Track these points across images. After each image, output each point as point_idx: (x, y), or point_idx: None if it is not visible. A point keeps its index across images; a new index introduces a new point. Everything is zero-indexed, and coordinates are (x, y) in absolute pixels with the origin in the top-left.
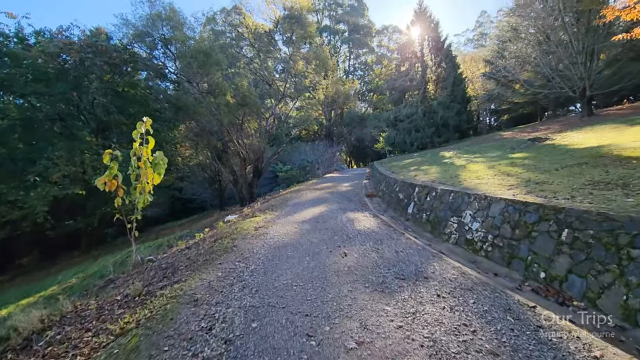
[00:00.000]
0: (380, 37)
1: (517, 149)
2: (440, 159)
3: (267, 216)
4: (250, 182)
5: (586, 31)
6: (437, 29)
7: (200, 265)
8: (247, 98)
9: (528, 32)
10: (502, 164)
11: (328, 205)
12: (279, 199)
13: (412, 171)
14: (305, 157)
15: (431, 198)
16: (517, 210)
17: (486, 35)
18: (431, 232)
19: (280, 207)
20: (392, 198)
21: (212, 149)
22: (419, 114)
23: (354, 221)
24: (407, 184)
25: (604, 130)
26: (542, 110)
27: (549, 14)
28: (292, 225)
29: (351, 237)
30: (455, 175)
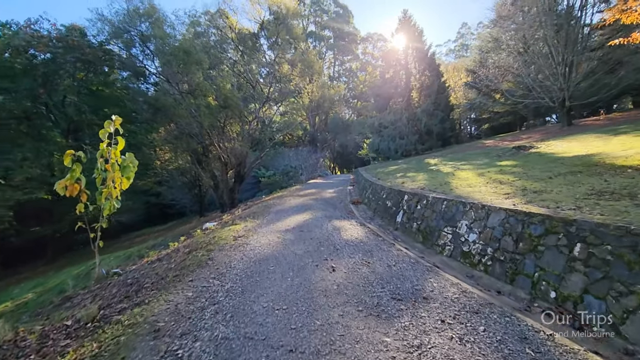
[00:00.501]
0: (365, 44)
1: (503, 156)
2: (426, 166)
3: (248, 224)
4: (232, 188)
5: (565, 43)
6: (421, 38)
7: (169, 283)
8: (229, 100)
9: (509, 43)
10: (492, 172)
11: (313, 213)
12: (261, 205)
13: (398, 178)
14: (289, 163)
15: (422, 206)
16: (519, 222)
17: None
18: (423, 243)
19: (262, 214)
20: (379, 205)
21: (192, 153)
22: (403, 121)
23: (341, 230)
24: (395, 191)
25: (587, 140)
26: (521, 120)
27: (529, 25)
28: (274, 235)
29: (339, 249)
30: (445, 182)
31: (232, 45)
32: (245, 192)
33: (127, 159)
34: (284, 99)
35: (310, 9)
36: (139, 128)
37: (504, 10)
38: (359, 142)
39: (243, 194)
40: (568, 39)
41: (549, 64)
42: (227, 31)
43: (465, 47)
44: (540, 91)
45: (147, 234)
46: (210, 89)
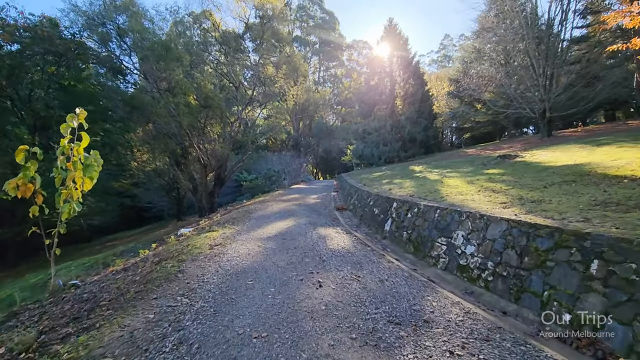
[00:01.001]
0: (350, 51)
1: (489, 165)
2: (411, 172)
3: (226, 231)
4: (211, 191)
5: (546, 56)
6: (406, 46)
7: (129, 300)
8: (210, 99)
9: (491, 55)
10: (481, 180)
11: (296, 219)
12: (242, 210)
13: (385, 184)
14: (272, 167)
15: (413, 215)
16: (523, 234)
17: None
18: (414, 254)
19: (242, 220)
20: (365, 212)
21: (170, 154)
22: (387, 128)
23: (326, 239)
24: (383, 198)
25: (571, 150)
26: (501, 130)
27: (512, 38)
28: (254, 243)
29: (325, 260)
30: (435, 189)
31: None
32: (226, 196)
33: (91, 157)
34: (268, 101)
35: (296, 14)
36: (115, 127)
37: (487, 22)
38: (343, 148)
39: (223, 198)
40: (549, 52)
41: (530, 76)
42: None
43: (448, 58)
44: (522, 102)
45: (120, 238)
46: (191, 87)
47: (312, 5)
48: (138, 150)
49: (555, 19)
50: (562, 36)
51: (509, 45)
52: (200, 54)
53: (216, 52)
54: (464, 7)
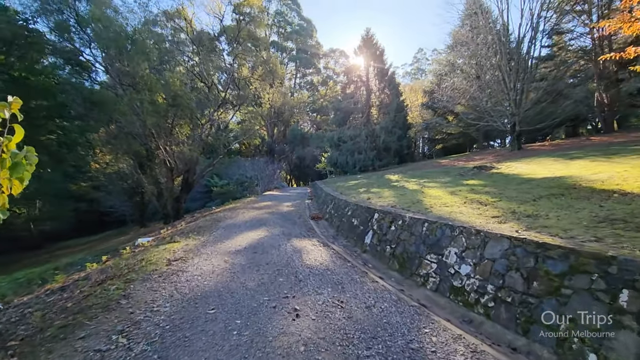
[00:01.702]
0: (327, 59)
1: (466, 175)
2: (388, 182)
3: (189, 242)
4: (178, 197)
5: (517, 71)
6: (382, 56)
7: (47, 341)
8: (179, 98)
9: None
10: (463, 190)
11: (269, 229)
12: (210, 218)
13: (362, 193)
14: (244, 173)
15: (397, 227)
16: (530, 254)
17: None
18: (400, 271)
19: (209, 229)
20: (342, 223)
21: (134, 156)
22: (362, 136)
23: (302, 252)
24: (362, 208)
25: (545, 163)
26: (471, 142)
27: (486, 52)
28: (221, 258)
29: (301, 280)
30: (417, 200)
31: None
32: (195, 202)
33: (21, 154)
34: (242, 104)
35: (273, 19)
36: (73, 125)
37: (461, 37)
38: (317, 156)
39: (191, 204)
40: (519, 68)
41: (502, 90)
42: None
43: (421, 71)
44: (494, 115)
45: (74, 246)
46: (158, 84)
47: (290, 11)
48: (100, 151)
49: (525, 37)
50: (531, 53)
51: (481, 60)
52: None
53: (189, 53)
54: (440, 21)
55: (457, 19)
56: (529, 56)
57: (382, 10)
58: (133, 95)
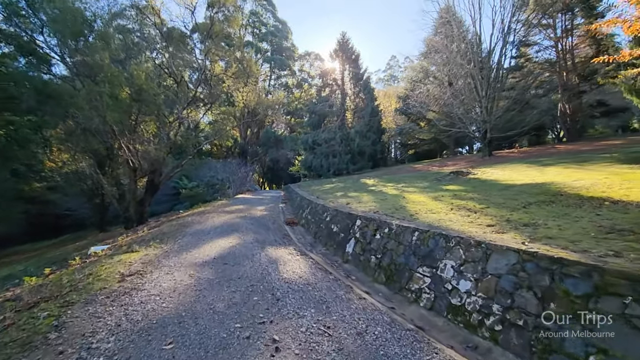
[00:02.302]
0: (302, 61)
1: (444, 180)
2: (365, 186)
3: (150, 251)
4: (142, 199)
5: (488, 80)
6: (357, 61)
7: None
8: (144, 93)
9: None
10: (446, 196)
11: (241, 236)
12: (176, 223)
13: (340, 198)
14: (216, 175)
15: (383, 236)
16: (544, 271)
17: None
18: (387, 285)
19: (174, 235)
20: (320, 229)
21: (93, 154)
22: (337, 140)
23: (279, 263)
24: (343, 214)
25: (519, 169)
26: (441, 148)
27: (460, 60)
28: (185, 271)
29: (280, 298)
30: (400, 206)
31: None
32: (161, 204)
33: None
34: (214, 101)
35: (248, 19)
36: (24, 120)
37: (436, 43)
38: (291, 159)
39: (157, 207)
40: (491, 76)
41: (474, 97)
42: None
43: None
44: (466, 122)
45: (22, 252)
46: (120, 76)
47: (265, 12)
48: (58, 149)
49: (497, 47)
50: (502, 62)
51: (454, 67)
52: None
53: (159, 48)
54: (415, 27)
55: (431, 28)
56: (499, 65)
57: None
58: (92, 88)
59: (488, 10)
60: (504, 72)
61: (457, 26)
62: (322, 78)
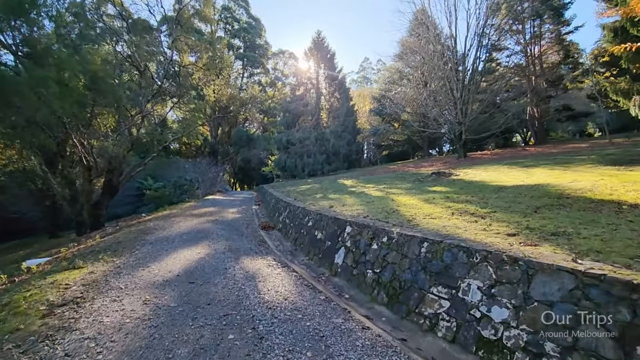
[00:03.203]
0: (275, 59)
1: (426, 182)
2: (343, 187)
3: (98, 267)
4: (98, 201)
5: (463, 82)
6: (333, 60)
7: None
8: (100, 81)
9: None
10: (437, 198)
11: (211, 244)
12: (136, 229)
13: (320, 200)
14: (184, 175)
15: (382, 246)
16: (619, 301)
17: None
18: (390, 306)
19: (131, 245)
20: (301, 235)
21: (40, 151)
22: (311, 139)
23: (257, 279)
24: (328, 218)
25: (502, 170)
26: (414, 149)
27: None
28: (139, 296)
29: (264, 335)
30: (392, 210)
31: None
32: (124, 206)
33: None
34: (182, 95)
35: (220, 14)
36: None
37: (411, 44)
38: (264, 159)
39: (119, 209)
40: (465, 78)
41: (449, 99)
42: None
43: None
44: (442, 122)
45: None
46: (70, 59)
47: (239, 8)
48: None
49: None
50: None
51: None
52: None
53: (122, 33)
54: (390, 28)
55: (406, 29)
56: (474, 68)
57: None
58: (35, 72)
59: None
60: (478, 75)
61: (432, 28)
62: (297, 77)
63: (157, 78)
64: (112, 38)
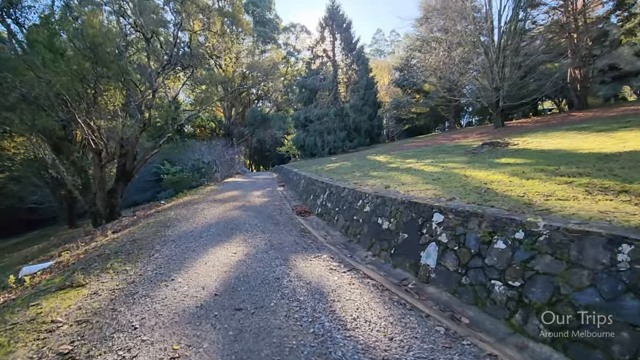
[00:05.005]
0: (287, 34)
1: (482, 154)
2: (380, 163)
3: (104, 285)
4: (112, 189)
5: (500, 43)
6: (349, 29)
7: None
8: (100, 48)
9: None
10: (529, 171)
11: (247, 239)
12: (154, 220)
13: (362, 178)
14: (201, 158)
15: (516, 246)
16: None
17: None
18: (559, 347)
19: (149, 244)
20: (354, 222)
21: (44, 135)
22: (330, 115)
23: (327, 296)
24: (399, 203)
25: (571, 136)
26: (435, 123)
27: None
28: (162, 347)
29: None
30: (480, 189)
31: None
32: (143, 192)
33: None
34: (195, 65)
35: None
36: None
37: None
38: (279, 138)
39: (139, 195)
40: (502, 39)
41: (484, 63)
42: None
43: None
44: (476, 90)
45: None
46: (63, 22)
47: None
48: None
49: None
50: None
51: (460, 30)
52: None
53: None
54: None
55: None
56: (511, 26)
57: None
58: (27, 36)
59: None
60: (516, 35)
61: None
62: (312, 49)
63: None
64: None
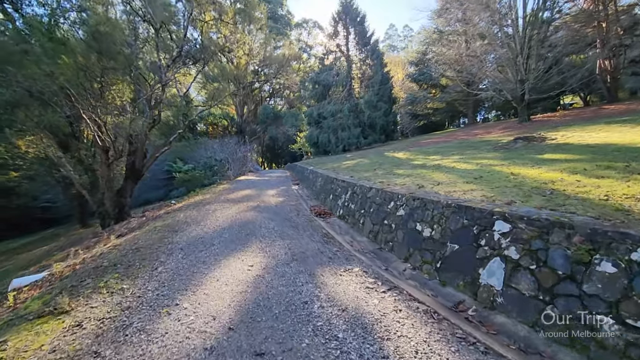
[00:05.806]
0: (299, 30)
1: (517, 149)
2: (401, 161)
3: (92, 311)
4: (121, 188)
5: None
6: (363, 23)
7: None
8: (103, 37)
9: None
10: (593, 169)
11: (265, 247)
12: (162, 224)
13: (386, 177)
14: (213, 155)
15: (632, 271)
16: None
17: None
18: None
19: (153, 254)
20: (384, 227)
21: (50, 132)
22: (344, 112)
23: (371, 332)
24: (443, 206)
25: (616, 129)
26: (452, 119)
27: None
28: None
29: None
30: (541, 191)
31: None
32: (152, 191)
33: None
34: (207, 58)
35: None
36: None
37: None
38: (291, 136)
39: (151, 193)
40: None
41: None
42: None
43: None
44: (499, 83)
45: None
46: (65, 9)
47: None
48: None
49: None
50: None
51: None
52: None
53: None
54: None
55: None
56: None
57: None
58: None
59: None
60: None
61: None
62: (325, 45)
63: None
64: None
